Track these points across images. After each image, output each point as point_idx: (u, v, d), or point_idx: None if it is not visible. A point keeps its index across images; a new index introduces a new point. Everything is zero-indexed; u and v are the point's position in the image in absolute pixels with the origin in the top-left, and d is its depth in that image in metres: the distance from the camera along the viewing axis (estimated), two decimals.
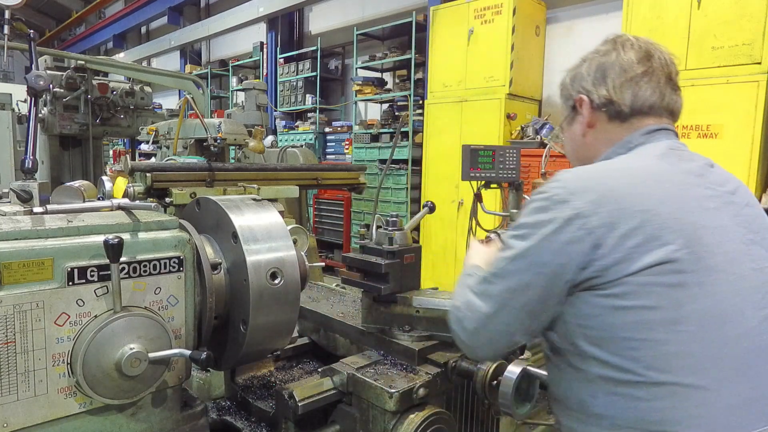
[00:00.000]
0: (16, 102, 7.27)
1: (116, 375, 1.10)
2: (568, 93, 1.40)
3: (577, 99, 1.35)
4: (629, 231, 1.03)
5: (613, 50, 1.31)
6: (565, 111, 1.45)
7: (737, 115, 4.31)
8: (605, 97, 1.29)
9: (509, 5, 5.97)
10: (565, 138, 1.46)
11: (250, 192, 2.57)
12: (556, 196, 1.11)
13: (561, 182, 1.14)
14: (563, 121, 1.46)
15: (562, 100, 1.46)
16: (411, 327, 1.58)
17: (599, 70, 1.31)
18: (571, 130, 1.41)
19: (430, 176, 6.82)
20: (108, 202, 1.33)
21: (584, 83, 1.34)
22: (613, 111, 1.30)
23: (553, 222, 1.08)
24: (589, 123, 1.34)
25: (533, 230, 1.10)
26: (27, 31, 2.06)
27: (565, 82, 1.42)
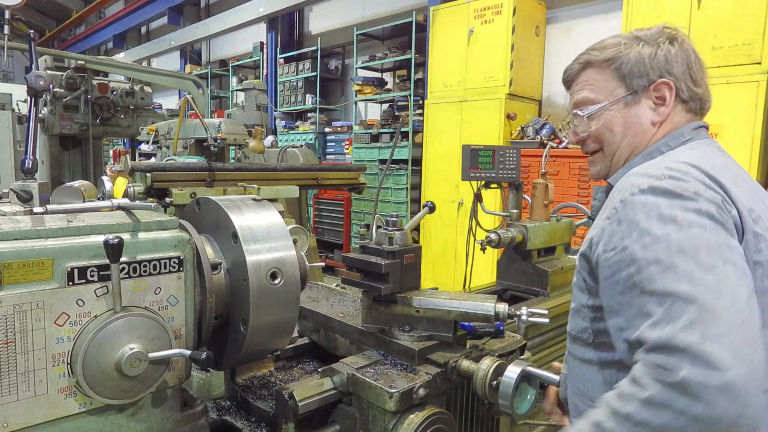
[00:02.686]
0: (16, 102, 7.28)
1: (116, 375, 1.10)
2: (640, 70, 1.26)
3: (661, 83, 1.26)
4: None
5: (686, 43, 1.28)
6: (611, 89, 1.30)
7: (737, 115, 4.31)
8: (696, 92, 1.27)
9: (509, 5, 5.97)
10: (613, 122, 1.31)
11: (250, 192, 2.57)
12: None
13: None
14: (615, 99, 1.30)
15: (617, 75, 1.29)
16: (411, 327, 1.58)
17: (683, 61, 1.26)
18: (630, 114, 1.29)
19: (430, 176, 6.82)
20: (108, 202, 1.33)
21: (671, 68, 1.26)
22: (696, 107, 1.29)
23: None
24: (670, 112, 1.27)
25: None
26: (27, 31, 2.06)
27: (636, 57, 1.27)
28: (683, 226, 0.99)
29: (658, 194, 1.04)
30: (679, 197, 1.02)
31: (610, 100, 1.30)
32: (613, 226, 1.08)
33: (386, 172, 7.70)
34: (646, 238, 1.01)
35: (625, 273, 1.02)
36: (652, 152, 1.27)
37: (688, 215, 1.00)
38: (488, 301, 1.54)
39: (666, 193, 1.04)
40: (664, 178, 1.06)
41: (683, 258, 0.96)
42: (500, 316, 1.52)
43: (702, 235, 0.98)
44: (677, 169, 1.08)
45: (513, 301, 2.71)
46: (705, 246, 0.97)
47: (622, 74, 1.28)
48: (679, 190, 1.03)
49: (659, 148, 1.26)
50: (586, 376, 1.23)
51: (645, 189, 1.06)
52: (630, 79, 1.27)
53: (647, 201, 1.04)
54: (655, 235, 1.00)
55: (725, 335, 0.88)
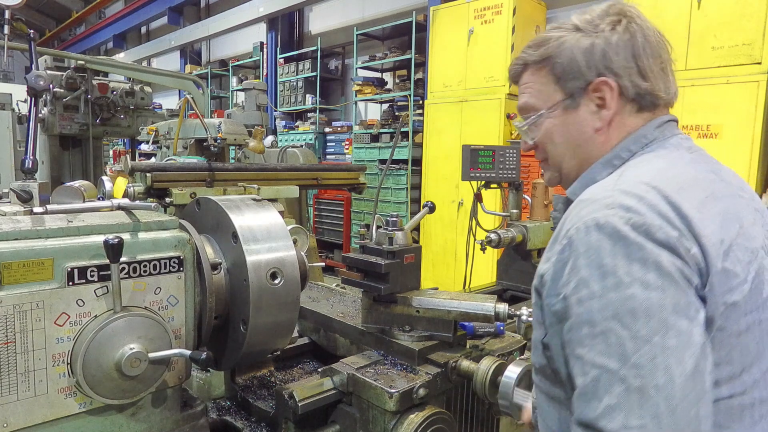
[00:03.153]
0: (16, 102, 7.28)
1: (116, 375, 1.10)
2: (574, 70, 1.10)
3: (598, 82, 1.08)
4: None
5: (634, 26, 1.08)
6: (549, 93, 1.15)
7: (737, 115, 4.31)
8: (644, 87, 1.07)
9: (509, 5, 5.97)
10: (554, 131, 1.16)
11: (250, 192, 2.57)
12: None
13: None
14: (552, 106, 1.14)
15: (552, 78, 1.14)
16: (411, 327, 1.58)
17: (628, 50, 1.07)
18: (569, 121, 1.14)
19: (430, 176, 6.82)
20: (108, 202, 1.33)
21: (609, 63, 1.07)
22: (648, 103, 1.09)
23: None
24: (613, 115, 1.10)
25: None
26: (27, 31, 2.06)
27: (569, 56, 1.10)
28: (623, 282, 0.86)
29: (602, 234, 0.90)
30: (624, 241, 0.88)
31: (548, 106, 1.15)
32: (558, 267, 0.96)
33: (386, 172, 7.70)
34: (583, 292, 0.89)
35: (565, 326, 0.94)
36: (611, 159, 1.11)
37: (632, 268, 0.87)
38: (488, 301, 1.54)
39: (611, 234, 0.89)
40: (613, 208, 0.91)
41: (617, 324, 0.85)
42: (500, 316, 1.52)
43: (643, 296, 0.85)
44: (632, 193, 0.93)
45: (513, 301, 2.71)
46: (644, 311, 0.85)
47: (557, 76, 1.13)
48: (626, 231, 0.88)
49: (619, 154, 1.10)
50: (552, 414, 1.10)
51: (590, 226, 0.92)
52: (565, 82, 1.12)
53: (590, 243, 0.91)
54: (592, 290, 0.88)
55: (652, 425, 0.81)
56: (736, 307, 0.92)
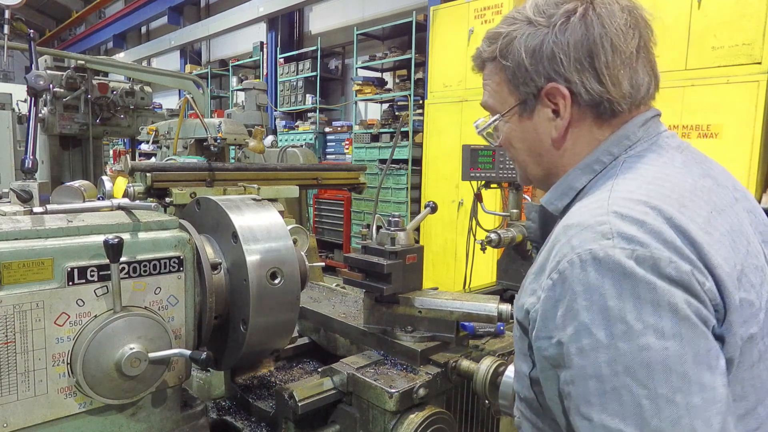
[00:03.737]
0: (16, 102, 7.28)
1: (116, 375, 1.10)
2: (523, 75, 0.97)
3: (548, 89, 0.95)
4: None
5: (592, 15, 0.92)
6: (504, 95, 1.03)
7: (737, 115, 4.31)
8: (598, 91, 0.93)
9: (509, 5, 5.97)
10: (512, 137, 1.06)
11: (250, 192, 2.57)
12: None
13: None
14: (506, 112, 1.03)
15: (505, 78, 1.01)
16: (413, 328, 1.58)
17: (581, 48, 0.92)
18: (526, 128, 1.02)
19: (430, 176, 6.82)
20: (108, 202, 1.33)
21: (559, 66, 0.93)
22: (607, 108, 0.95)
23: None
24: (570, 124, 0.98)
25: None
26: (27, 31, 2.06)
27: (518, 58, 0.97)
28: (633, 330, 0.74)
29: (603, 271, 0.77)
30: (630, 280, 0.76)
31: (503, 110, 1.04)
32: (548, 306, 0.83)
33: (386, 172, 7.69)
34: (585, 341, 0.77)
35: (562, 375, 0.82)
36: (590, 164, 0.98)
37: (642, 312, 0.75)
38: (491, 301, 1.54)
39: (613, 270, 0.77)
40: (611, 238, 0.79)
41: (630, 381, 0.74)
42: (503, 316, 1.52)
43: (658, 347, 0.74)
44: (630, 217, 0.80)
45: (513, 301, 2.71)
46: (662, 364, 0.73)
47: (508, 78, 1.00)
48: (631, 266, 0.76)
49: (599, 158, 0.97)
50: None
51: (586, 260, 0.79)
52: (516, 86, 1.00)
53: (589, 282, 0.78)
54: (597, 339, 0.76)
55: None
56: (753, 339, 0.83)
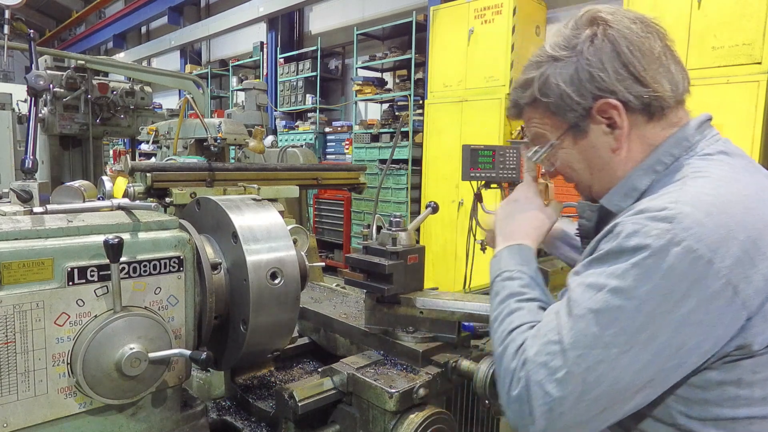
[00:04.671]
0: (16, 102, 7.28)
1: (116, 375, 1.10)
2: (568, 104, 1.06)
3: (599, 106, 1.03)
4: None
5: (611, 32, 1.02)
6: (553, 125, 1.12)
7: (737, 115, 4.31)
8: (645, 93, 1.01)
9: (509, 5, 5.97)
10: (571, 160, 1.14)
11: (250, 192, 2.57)
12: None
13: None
14: (559, 137, 1.12)
15: (549, 112, 1.11)
16: (415, 328, 1.58)
17: (614, 61, 1.01)
18: (583, 147, 1.10)
19: (430, 176, 6.82)
20: (108, 202, 1.33)
21: (600, 83, 1.02)
22: (656, 107, 1.03)
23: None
24: (629, 131, 1.05)
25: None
26: (27, 31, 2.06)
27: (557, 91, 1.06)
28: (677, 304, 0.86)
29: (679, 257, 0.86)
30: (697, 271, 0.85)
31: (556, 136, 1.12)
32: (621, 258, 0.92)
33: (386, 172, 7.70)
34: (629, 292, 0.89)
35: (576, 279, 0.99)
36: (652, 165, 1.05)
37: (689, 301, 0.86)
38: None
39: (686, 259, 0.86)
40: (691, 229, 0.86)
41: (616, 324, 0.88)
42: None
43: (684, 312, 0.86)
44: (706, 212, 0.87)
45: None
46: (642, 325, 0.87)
47: (553, 111, 1.10)
48: (702, 263, 0.85)
49: (661, 159, 1.04)
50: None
51: (669, 243, 0.87)
52: (563, 114, 1.08)
53: (669, 263, 0.87)
54: (638, 298, 0.89)
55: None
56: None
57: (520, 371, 0.94)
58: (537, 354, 0.92)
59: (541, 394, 0.90)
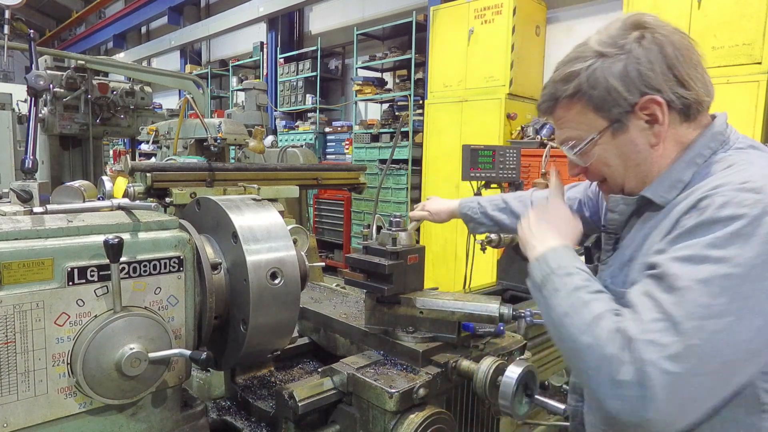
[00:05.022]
0: (16, 102, 7.28)
1: (116, 375, 1.10)
2: (614, 98, 1.09)
3: (645, 101, 1.08)
4: None
5: (658, 36, 1.09)
6: (591, 122, 1.15)
7: (737, 115, 4.31)
8: (687, 95, 1.08)
9: (509, 5, 5.97)
10: (607, 156, 1.17)
11: (250, 192, 2.57)
12: None
13: None
14: (600, 132, 1.14)
15: (591, 107, 1.13)
16: (415, 328, 1.58)
17: (662, 63, 1.07)
18: (622, 143, 1.14)
19: (430, 176, 6.82)
20: (108, 202, 1.33)
21: (649, 81, 1.07)
22: (695, 109, 1.11)
23: None
24: (668, 128, 1.11)
25: None
26: (27, 31, 2.06)
27: (605, 85, 1.10)
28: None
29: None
30: None
31: (593, 134, 1.15)
32: (716, 230, 0.95)
33: (386, 172, 7.69)
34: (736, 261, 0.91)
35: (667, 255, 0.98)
36: (693, 158, 1.12)
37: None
38: (492, 302, 1.54)
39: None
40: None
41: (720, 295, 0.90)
42: (505, 317, 1.51)
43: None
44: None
45: (513, 300, 2.71)
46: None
47: (596, 106, 1.13)
48: None
49: (701, 152, 1.11)
50: None
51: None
52: (607, 110, 1.12)
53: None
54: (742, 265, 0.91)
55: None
56: None
57: (624, 354, 0.90)
58: (643, 333, 0.90)
59: (658, 372, 0.86)
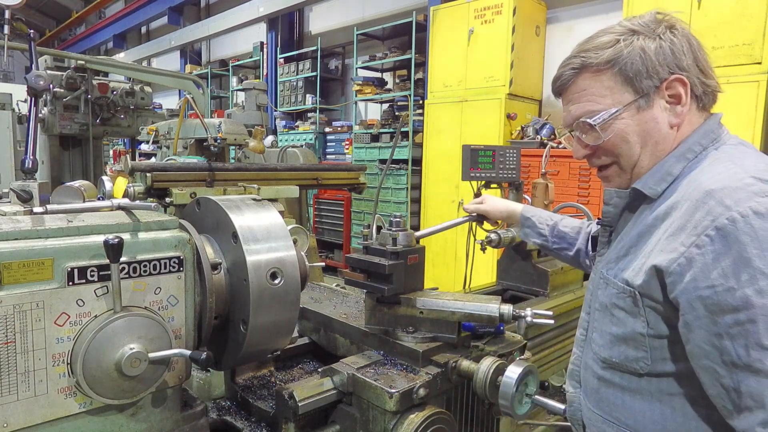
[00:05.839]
0: (16, 102, 7.27)
1: (116, 375, 1.10)
2: (648, 70, 1.12)
3: (673, 79, 1.12)
4: None
5: (683, 30, 1.15)
6: (616, 95, 1.15)
7: (737, 115, 4.31)
8: (707, 83, 1.15)
9: (509, 5, 5.97)
10: (628, 131, 1.16)
11: (250, 192, 2.57)
12: None
13: None
14: (626, 105, 1.14)
15: (621, 78, 1.14)
16: (415, 328, 1.58)
17: (689, 52, 1.13)
18: (645, 119, 1.15)
19: (430, 176, 6.82)
20: (108, 202, 1.33)
21: (680, 62, 1.12)
22: (710, 98, 1.17)
23: None
24: (687, 111, 1.15)
25: None
26: (27, 31, 2.06)
27: (641, 55, 1.12)
28: None
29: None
30: None
31: (617, 107, 1.15)
32: (708, 259, 0.95)
33: (386, 172, 7.69)
34: (763, 282, 0.89)
35: (731, 318, 0.92)
36: (684, 153, 1.14)
37: None
38: (492, 302, 1.54)
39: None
40: (766, 196, 0.93)
41: None
42: (505, 317, 1.52)
43: None
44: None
45: (513, 301, 2.71)
46: None
47: (627, 76, 1.13)
48: None
49: (691, 148, 1.14)
50: (630, 406, 1.15)
51: (748, 215, 0.92)
52: (638, 81, 1.13)
53: (757, 233, 0.90)
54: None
55: None
56: None
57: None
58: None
59: None
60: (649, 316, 1.08)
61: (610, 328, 1.17)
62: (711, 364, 0.97)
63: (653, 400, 1.11)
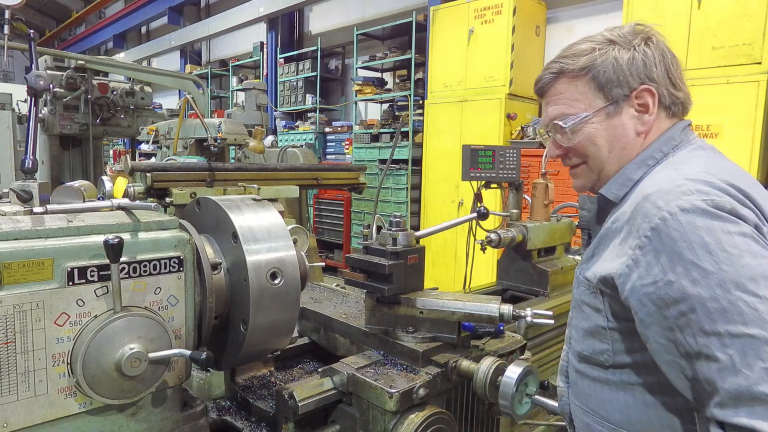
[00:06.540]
0: (16, 102, 7.28)
1: (116, 375, 1.10)
2: (619, 79, 1.18)
3: (643, 90, 1.18)
4: None
5: (658, 43, 1.20)
6: (589, 100, 1.22)
7: (737, 115, 4.31)
8: (676, 94, 1.20)
9: (509, 5, 5.97)
10: (597, 135, 1.23)
11: (250, 192, 2.57)
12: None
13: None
14: (597, 110, 1.21)
15: (594, 85, 1.20)
16: (415, 328, 1.58)
17: (662, 64, 1.19)
18: (613, 125, 1.21)
19: (430, 176, 6.83)
20: (108, 202, 1.33)
21: (650, 73, 1.18)
22: (678, 108, 1.22)
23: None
24: (654, 120, 1.20)
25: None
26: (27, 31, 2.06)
27: (614, 65, 1.18)
28: (732, 255, 0.93)
29: (693, 217, 0.97)
30: (719, 219, 0.96)
31: (589, 112, 1.22)
32: (649, 258, 1.01)
33: (386, 172, 7.69)
34: (695, 273, 0.95)
35: (675, 310, 0.98)
36: (645, 160, 1.21)
37: (735, 240, 0.94)
38: (492, 302, 1.54)
39: (702, 215, 0.97)
40: (692, 194, 1.00)
41: (742, 293, 0.91)
42: (505, 317, 1.52)
43: (756, 264, 0.92)
44: (701, 180, 1.02)
45: (513, 301, 2.71)
46: (762, 275, 0.92)
47: (600, 84, 1.20)
48: (715, 210, 0.97)
49: (652, 155, 1.20)
50: (600, 396, 1.20)
51: (676, 213, 0.99)
52: (609, 89, 1.19)
53: (684, 228, 0.97)
54: (705, 270, 0.94)
55: None
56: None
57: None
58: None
59: None
60: (607, 312, 1.16)
61: (581, 323, 1.25)
62: (672, 358, 1.02)
63: (618, 390, 1.17)
